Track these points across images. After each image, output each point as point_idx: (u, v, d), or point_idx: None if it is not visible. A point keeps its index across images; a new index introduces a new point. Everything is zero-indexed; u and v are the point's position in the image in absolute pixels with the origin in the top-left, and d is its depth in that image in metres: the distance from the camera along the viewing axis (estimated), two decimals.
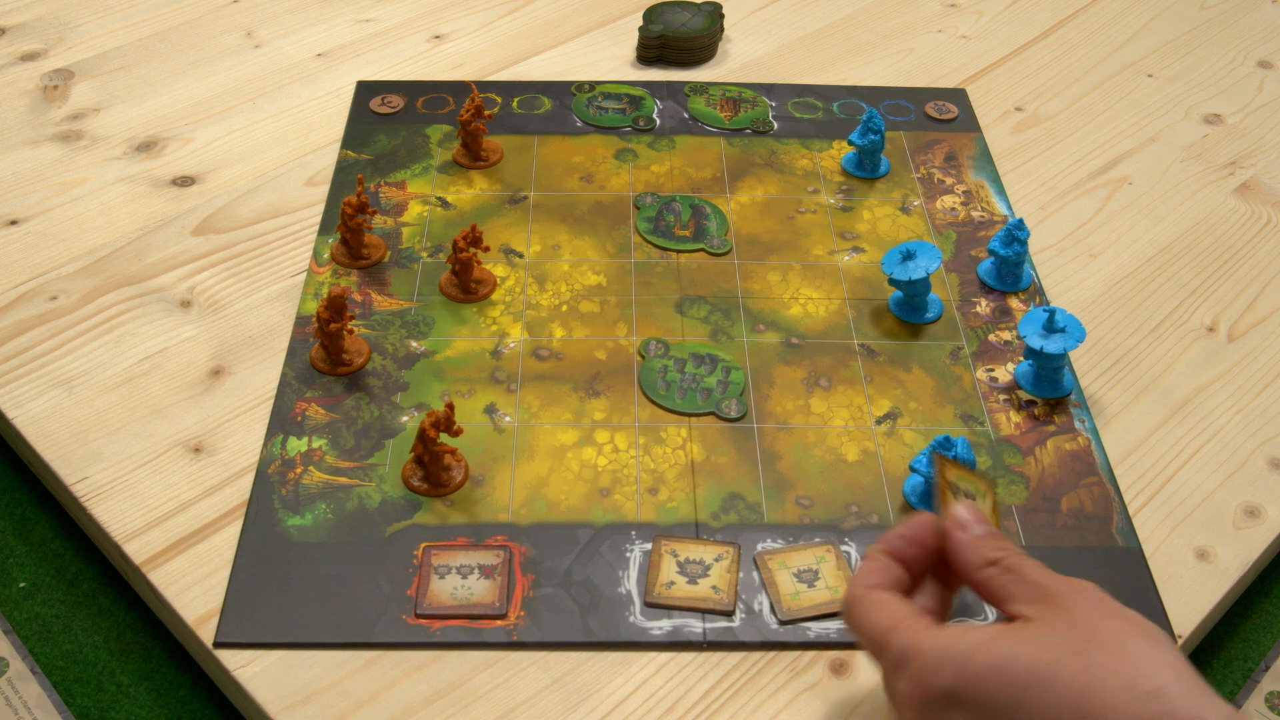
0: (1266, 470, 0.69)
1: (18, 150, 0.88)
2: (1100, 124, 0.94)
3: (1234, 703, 0.63)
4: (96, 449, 0.67)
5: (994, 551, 0.52)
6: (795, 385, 0.72)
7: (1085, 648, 0.46)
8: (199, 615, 0.60)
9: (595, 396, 0.71)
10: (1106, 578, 0.62)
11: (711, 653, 0.59)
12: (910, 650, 0.48)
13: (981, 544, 0.52)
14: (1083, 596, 0.48)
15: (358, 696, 0.57)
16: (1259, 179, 0.90)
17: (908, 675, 0.48)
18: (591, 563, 0.62)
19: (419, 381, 0.71)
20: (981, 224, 0.83)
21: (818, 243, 0.82)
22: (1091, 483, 0.67)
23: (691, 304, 0.77)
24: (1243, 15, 1.08)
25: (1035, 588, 0.49)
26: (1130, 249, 0.83)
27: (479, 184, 0.85)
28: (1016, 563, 0.51)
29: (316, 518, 0.64)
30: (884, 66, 0.99)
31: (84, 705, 0.62)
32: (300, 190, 0.85)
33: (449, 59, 0.98)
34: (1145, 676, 0.44)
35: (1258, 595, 0.69)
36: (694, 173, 0.87)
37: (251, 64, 0.97)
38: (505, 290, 0.77)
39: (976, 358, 0.74)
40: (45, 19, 1.02)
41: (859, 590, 0.52)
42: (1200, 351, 0.76)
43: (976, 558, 0.52)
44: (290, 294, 0.77)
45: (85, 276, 0.78)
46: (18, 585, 0.67)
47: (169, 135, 0.90)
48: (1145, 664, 0.45)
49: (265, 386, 0.71)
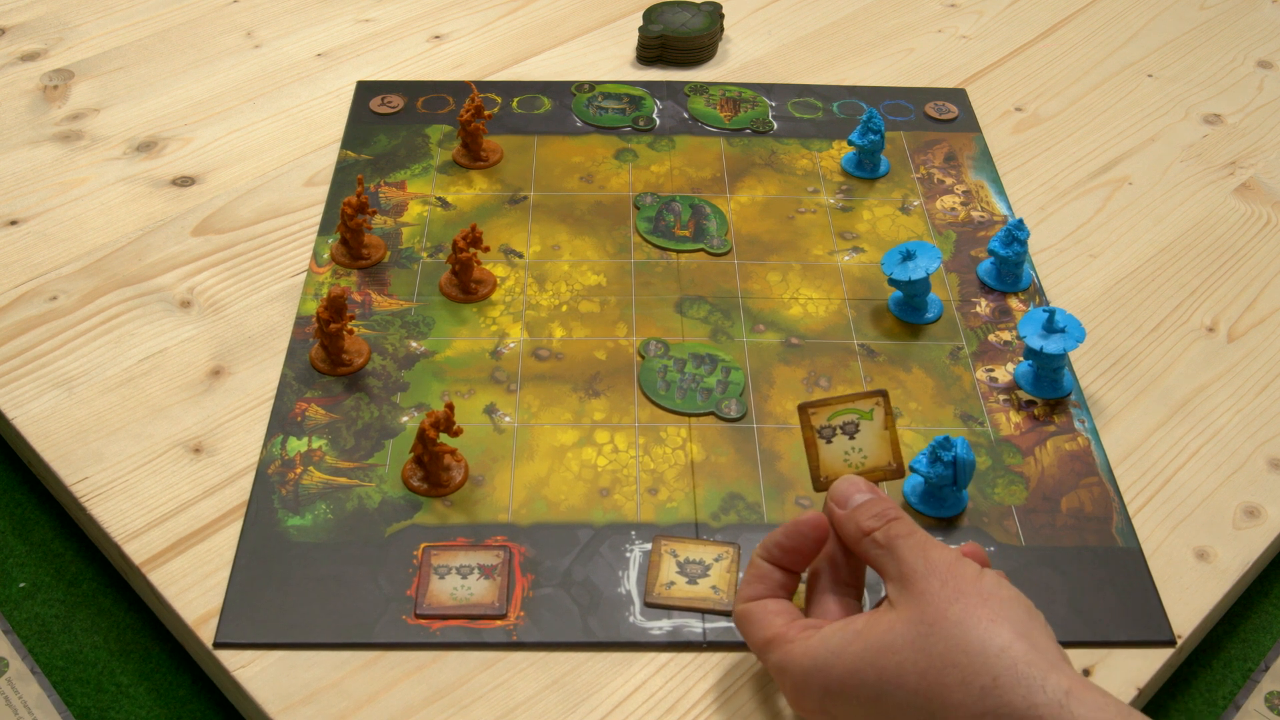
0: (1266, 470, 0.69)
1: (18, 150, 0.88)
2: (1100, 124, 0.94)
3: (1233, 703, 0.63)
4: (96, 449, 0.67)
5: (868, 521, 0.53)
6: (795, 385, 0.72)
7: (927, 643, 0.47)
8: (199, 615, 0.60)
9: (595, 397, 0.71)
10: (1106, 578, 0.62)
11: (711, 653, 0.59)
12: (781, 667, 0.52)
13: (858, 515, 0.53)
14: (932, 579, 0.49)
15: (358, 696, 0.57)
16: (1259, 179, 0.90)
17: (785, 686, 0.52)
18: (591, 563, 0.62)
19: (419, 382, 0.71)
20: (981, 224, 0.84)
21: (818, 243, 0.82)
22: (1091, 483, 0.67)
23: (691, 304, 0.77)
24: (1243, 15, 1.08)
25: (900, 566, 0.51)
26: (1130, 249, 0.83)
27: (479, 184, 0.85)
28: (888, 536, 0.52)
29: (316, 518, 0.64)
30: (884, 66, 0.99)
31: (84, 705, 0.62)
32: (300, 190, 0.85)
33: (449, 59, 0.98)
34: (980, 669, 0.46)
35: (1257, 595, 0.69)
36: (694, 173, 0.87)
37: (251, 64, 0.97)
38: (505, 290, 0.77)
39: (976, 358, 0.74)
40: (45, 19, 1.02)
41: (739, 605, 0.55)
42: (1200, 351, 0.76)
43: (853, 530, 0.53)
44: (290, 294, 0.77)
45: (85, 276, 0.78)
46: (18, 585, 0.67)
47: (169, 135, 0.90)
48: (980, 654, 0.46)
49: (265, 387, 0.71)
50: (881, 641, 0.49)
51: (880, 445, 0.58)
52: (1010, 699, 0.45)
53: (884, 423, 0.57)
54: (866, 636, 0.49)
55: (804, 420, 0.58)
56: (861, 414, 0.57)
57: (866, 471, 0.57)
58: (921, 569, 0.50)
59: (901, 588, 0.50)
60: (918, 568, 0.50)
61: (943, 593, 0.49)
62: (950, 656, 0.47)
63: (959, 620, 0.47)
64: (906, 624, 0.49)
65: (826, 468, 0.58)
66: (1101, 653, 0.59)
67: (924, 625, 0.48)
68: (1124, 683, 0.58)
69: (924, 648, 0.47)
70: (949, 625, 0.47)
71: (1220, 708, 0.63)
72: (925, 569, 0.50)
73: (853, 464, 0.58)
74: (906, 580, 0.50)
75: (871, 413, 0.58)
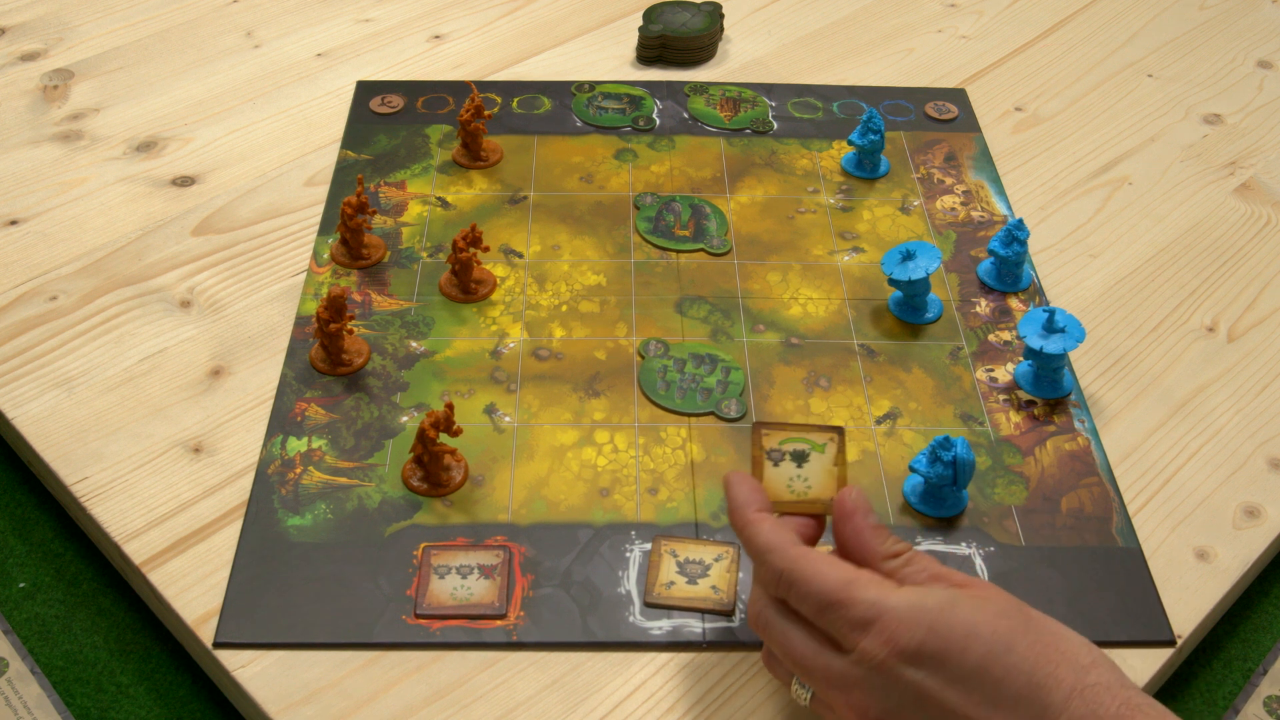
0: (1266, 470, 0.69)
1: (18, 150, 0.88)
2: (1100, 124, 0.94)
3: (1232, 706, 0.64)
4: (96, 449, 0.67)
5: (896, 544, 0.53)
6: (795, 385, 0.72)
7: (1030, 625, 0.49)
8: (199, 615, 0.60)
9: (595, 396, 0.71)
10: (1106, 578, 0.62)
11: (711, 653, 0.59)
12: (878, 606, 0.48)
13: (881, 533, 0.53)
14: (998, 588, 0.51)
15: (357, 696, 0.57)
16: (1259, 179, 0.90)
17: (875, 631, 0.48)
18: (591, 563, 0.62)
19: (419, 381, 0.71)
20: (981, 224, 0.83)
21: (817, 243, 0.82)
22: (1091, 483, 0.67)
23: (691, 304, 0.77)
24: (1243, 15, 1.08)
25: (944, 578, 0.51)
26: (1130, 249, 0.83)
27: (479, 184, 0.85)
28: (916, 555, 0.53)
29: (316, 518, 0.64)
30: (884, 66, 0.99)
31: (84, 705, 0.62)
32: (300, 190, 0.85)
33: (449, 59, 0.98)
34: (1078, 652, 0.48)
35: (1257, 595, 0.69)
36: (694, 173, 0.87)
37: (251, 64, 0.97)
38: (505, 290, 0.77)
39: (976, 358, 0.74)
40: (45, 19, 1.02)
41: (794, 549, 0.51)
42: (1200, 352, 0.76)
43: (882, 548, 0.53)
44: (290, 294, 0.77)
45: (85, 276, 0.78)
46: (18, 585, 0.67)
47: (169, 135, 0.90)
48: (1074, 642, 0.49)
49: (265, 386, 0.71)
50: (990, 606, 0.49)
51: (826, 479, 0.56)
52: (1107, 679, 0.47)
53: (834, 459, 0.56)
54: (971, 600, 0.49)
55: (755, 439, 0.57)
56: (814, 445, 0.57)
57: (806, 502, 0.56)
58: (979, 582, 0.51)
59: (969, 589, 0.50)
60: (974, 580, 0.51)
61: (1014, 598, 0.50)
62: (1050, 640, 0.48)
63: (1041, 619, 0.50)
64: (1002, 603, 0.49)
65: (768, 490, 0.56)
66: None
67: (1018, 610, 0.49)
68: None
69: (1028, 626, 0.49)
70: (1038, 618, 0.50)
71: (1221, 708, 0.63)
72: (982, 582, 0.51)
73: (795, 492, 0.56)
74: (969, 584, 0.51)
75: (824, 446, 0.57)
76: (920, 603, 0.48)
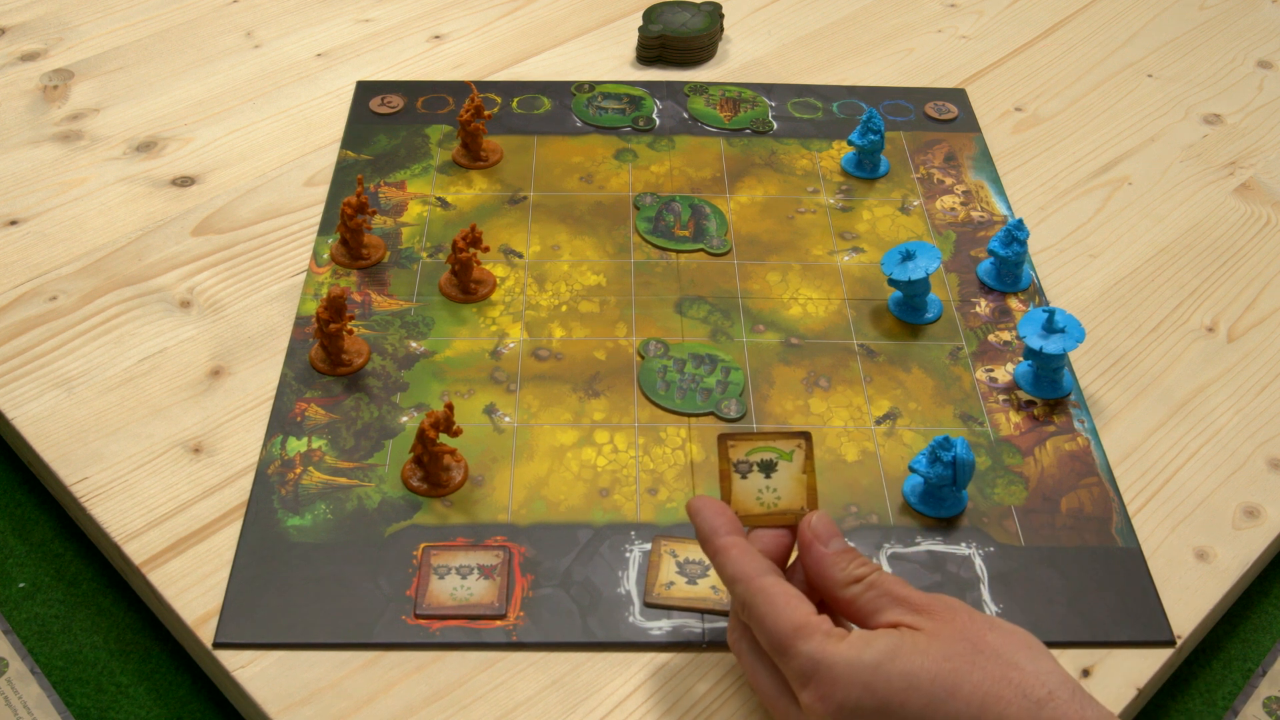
0: (1266, 470, 0.69)
1: (18, 150, 0.88)
2: (1100, 124, 0.94)
3: (1231, 708, 0.64)
4: (96, 449, 0.67)
5: (858, 568, 0.52)
6: (795, 385, 0.72)
7: (978, 659, 0.48)
8: (199, 616, 0.60)
9: (595, 397, 0.71)
10: (1106, 578, 0.62)
11: (711, 653, 0.59)
12: (815, 661, 0.49)
13: (842, 560, 0.53)
14: (957, 611, 0.50)
15: (357, 697, 0.57)
16: (1259, 179, 0.90)
17: (813, 687, 0.49)
18: (591, 563, 0.62)
19: (418, 382, 0.71)
20: (981, 224, 0.83)
21: (817, 243, 0.82)
22: (1091, 483, 0.67)
23: (691, 304, 0.77)
24: (1243, 15, 1.08)
25: (904, 602, 0.51)
26: (1130, 249, 0.83)
27: (479, 184, 0.85)
28: (879, 579, 0.52)
29: (316, 518, 0.64)
30: (884, 66, 0.99)
31: (84, 705, 0.62)
32: (300, 190, 0.85)
33: (449, 59, 0.98)
34: (1035, 685, 0.47)
35: (1257, 596, 0.69)
36: (694, 173, 0.87)
37: (251, 64, 0.97)
38: (505, 290, 0.77)
39: (976, 358, 0.74)
40: (45, 19, 1.02)
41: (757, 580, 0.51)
42: (1200, 352, 0.76)
43: (841, 575, 0.52)
44: (290, 294, 0.77)
45: (85, 277, 0.78)
46: (18, 585, 0.67)
47: (169, 135, 0.90)
48: (1032, 673, 0.48)
49: (265, 387, 0.71)
50: (933, 648, 0.48)
51: (795, 488, 0.56)
52: (1067, 711, 0.46)
53: (803, 466, 0.56)
54: (915, 644, 0.48)
55: (721, 452, 0.56)
56: (781, 454, 0.56)
57: (777, 514, 0.56)
58: (939, 605, 0.50)
59: (924, 616, 0.50)
60: (934, 604, 0.50)
61: (973, 623, 0.50)
62: (1002, 672, 0.48)
63: (1001, 646, 0.49)
64: (950, 641, 0.48)
65: (738, 504, 0.56)
66: (1101, 653, 0.59)
67: (970, 643, 0.48)
68: (1124, 683, 0.58)
69: (976, 663, 0.48)
70: (993, 647, 0.49)
71: (1221, 708, 0.63)
72: (940, 603, 0.50)
73: (765, 504, 0.56)
74: (928, 611, 0.50)
75: (791, 454, 0.56)
76: (858, 659, 0.48)
